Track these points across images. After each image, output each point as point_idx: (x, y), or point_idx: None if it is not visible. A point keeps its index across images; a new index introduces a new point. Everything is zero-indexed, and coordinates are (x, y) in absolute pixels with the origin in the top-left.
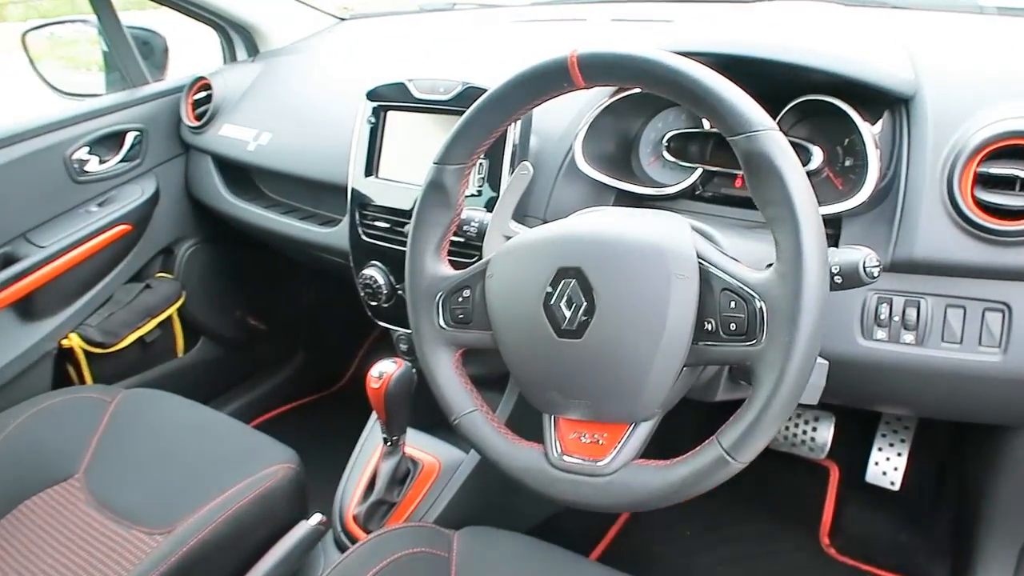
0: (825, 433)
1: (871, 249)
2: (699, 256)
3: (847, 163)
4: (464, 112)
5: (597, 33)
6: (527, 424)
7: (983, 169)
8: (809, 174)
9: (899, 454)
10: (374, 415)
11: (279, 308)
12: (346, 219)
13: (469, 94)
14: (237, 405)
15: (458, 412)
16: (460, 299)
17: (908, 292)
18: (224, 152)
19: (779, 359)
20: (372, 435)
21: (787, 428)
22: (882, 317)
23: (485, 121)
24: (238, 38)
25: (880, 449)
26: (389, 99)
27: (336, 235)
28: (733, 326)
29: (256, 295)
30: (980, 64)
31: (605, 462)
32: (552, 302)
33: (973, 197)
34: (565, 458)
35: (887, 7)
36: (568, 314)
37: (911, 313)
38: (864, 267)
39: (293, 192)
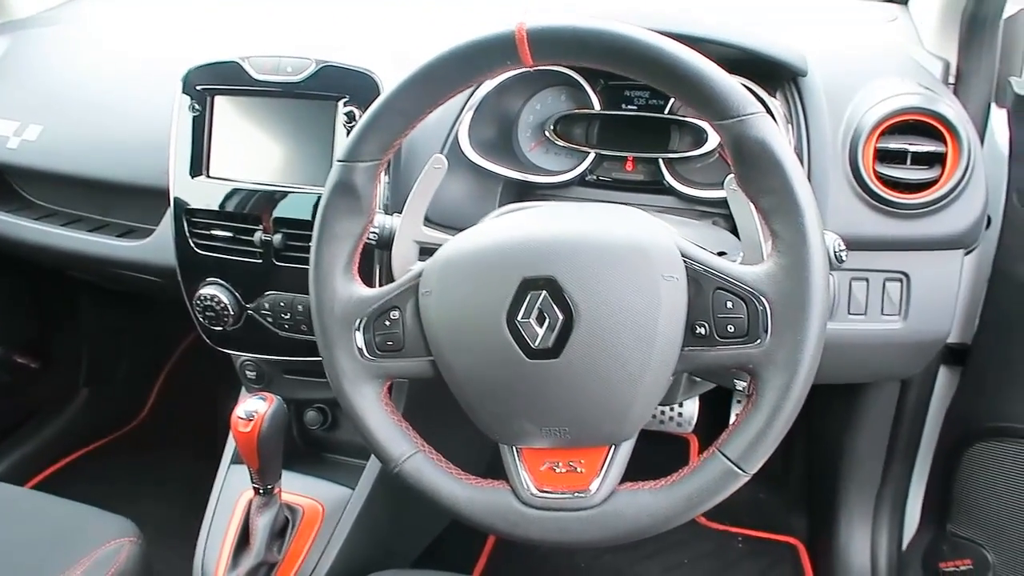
0: (692, 407)
1: (833, 233)
2: (684, 254)
3: None
4: (323, 96)
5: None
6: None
7: (882, 145)
8: (703, 156)
9: None
10: (226, 458)
11: (54, 339)
12: (163, 229)
13: (326, 74)
14: (11, 462)
15: (398, 458)
16: (387, 322)
17: None
18: None
19: (788, 358)
20: (229, 485)
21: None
22: None
23: (405, 107)
24: None
25: (737, 415)
26: (216, 81)
27: (148, 248)
28: (731, 328)
29: (22, 326)
30: (849, 40)
31: (590, 492)
32: (519, 319)
33: (875, 172)
34: (541, 494)
35: None
36: (541, 331)
37: None
38: (835, 252)
39: (75, 198)
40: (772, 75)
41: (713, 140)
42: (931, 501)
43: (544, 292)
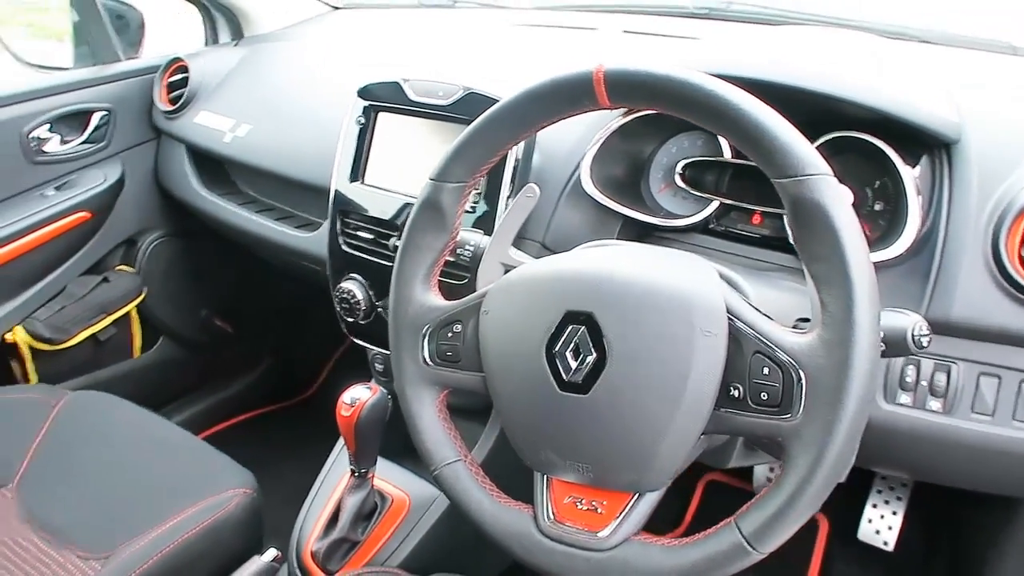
0: None
1: (918, 314)
2: (729, 311)
3: (877, 207)
4: (466, 121)
5: (612, 46)
6: (505, 469)
7: None
8: None
9: (894, 513)
10: (342, 439)
11: (248, 310)
12: (326, 225)
13: (471, 100)
14: (194, 411)
15: (439, 462)
16: (450, 334)
17: (939, 355)
18: (198, 142)
19: (818, 439)
20: (339, 462)
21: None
22: (908, 380)
23: (491, 137)
24: (222, 19)
25: (875, 506)
26: (381, 99)
27: (314, 240)
28: (764, 395)
29: (224, 295)
30: None
31: (604, 534)
32: (556, 349)
33: (1020, 257)
34: (558, 526)
35: (921, 41)
36: (574, 365)
37: (940, 378)
38: (913, 336)
39: (271, 190)
40: (916, 140)
41: None
42: None
43: (583, 327)
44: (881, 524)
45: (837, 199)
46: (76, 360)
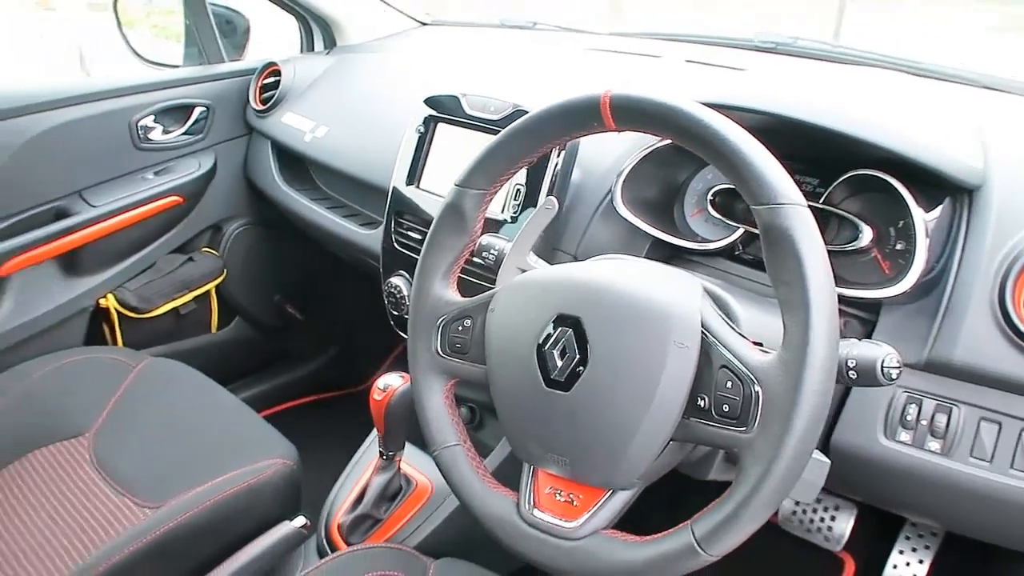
0: (844, 524)
1: (895, 348)
2: (704, 326)
3: (898, 246)
4: None
5: (669, 73)
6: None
7: None
8: (856, 252)
9: (920, 561)
10: None
11: (318, 300)
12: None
13: (517, 116)
14: (258, 390)
15: (439, 444)
16: (460, 328)
17: (940, 396)
18: (282, 140)
19: (767, 452)
20: (374, 446)
21: (804, 512)
22: (908, 418)
23: (511, 150)
24: (318, 29)
25: (901, 552)
26: (441, 110)
27: (373, 238)
28: (726, 407)
29: (297, 283)
30: None
31: (575, 525)
32: (546, 348)
33: None
34: (536, 513)
35: (962, 83)
36: (560, 364)
37: (940, 419)
38: (882, 367)
39: (342, 188)
40: (937, 183)
41: (865, 237)
42: None
43: (571, 330)
44: (906, 571)
45: (806, 228)
46: (158, 329)
